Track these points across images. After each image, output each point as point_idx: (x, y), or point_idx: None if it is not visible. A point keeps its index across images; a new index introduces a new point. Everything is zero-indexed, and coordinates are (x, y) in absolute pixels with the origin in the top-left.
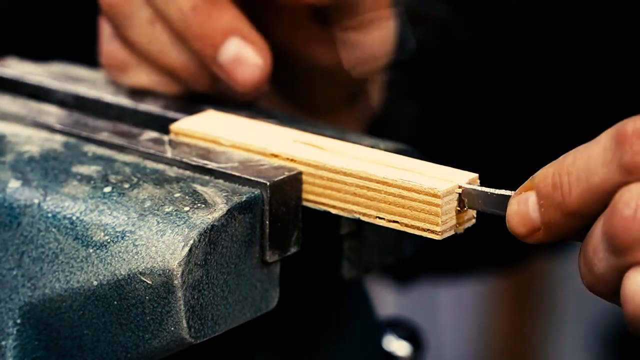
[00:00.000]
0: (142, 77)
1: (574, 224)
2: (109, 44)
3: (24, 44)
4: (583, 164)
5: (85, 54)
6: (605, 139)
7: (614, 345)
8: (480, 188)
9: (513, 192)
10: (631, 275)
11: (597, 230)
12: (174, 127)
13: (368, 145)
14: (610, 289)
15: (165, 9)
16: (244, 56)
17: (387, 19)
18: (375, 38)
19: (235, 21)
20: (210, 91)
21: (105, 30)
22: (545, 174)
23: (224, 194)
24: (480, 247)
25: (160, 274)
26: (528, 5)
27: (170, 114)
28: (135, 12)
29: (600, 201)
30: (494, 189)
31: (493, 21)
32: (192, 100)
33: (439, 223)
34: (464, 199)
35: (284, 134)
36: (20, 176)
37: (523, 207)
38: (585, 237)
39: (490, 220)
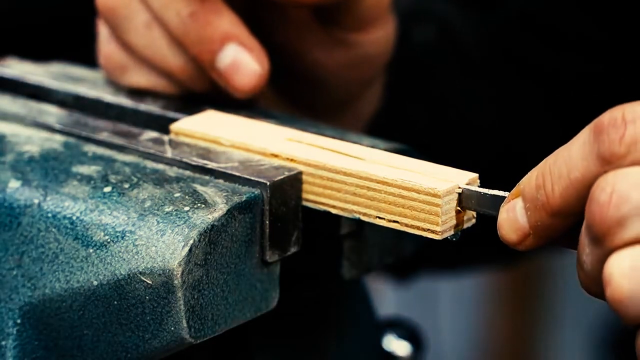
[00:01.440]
0: (140, 78)
1: (560, 224)
2: (106, 45)
3: (24, 44)
4: (564, 161)
5: (85, 54)
6: (584, 133)
7: (614, 345)
8: (479, 189)
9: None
10: (610, 259)
11: (583, 227)
12: (174, 127)
13: (368, 145)
14: (601, 286)
15: (163, 13)
16: (242, 62)
17: (388, 19)
18: (376, 38)
19: (233, 27)
20: (209, 92)
21: (103, 31)
22: (530, 178)
23: (224, 194)
24: (479, 245)
25: (160, 274)
26: (530, 6)
27: (170, 114)
28: (132, 15)
29: (584, 196)
30: (491, 190)
31: (495, 21)
32: (192, 100)
33: (439, 223)
34: (463, 199)
35: (284, 134)
36: (20, 176)
37: (512, 214)
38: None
39: (488, 219)
